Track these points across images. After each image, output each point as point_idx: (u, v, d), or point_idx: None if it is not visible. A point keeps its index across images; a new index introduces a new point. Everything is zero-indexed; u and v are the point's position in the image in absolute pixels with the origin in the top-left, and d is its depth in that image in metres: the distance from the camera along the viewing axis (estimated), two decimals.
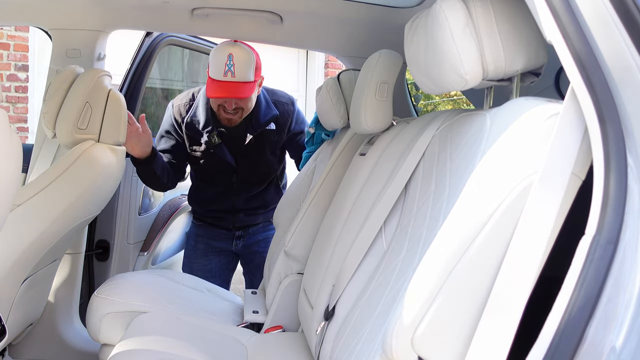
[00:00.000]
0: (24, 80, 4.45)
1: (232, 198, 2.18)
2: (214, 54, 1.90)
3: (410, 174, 1.17)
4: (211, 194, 2.20)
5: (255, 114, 2.05)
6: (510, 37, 0.90)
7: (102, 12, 1.91)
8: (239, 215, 2.22)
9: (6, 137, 0.87)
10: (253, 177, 2.18)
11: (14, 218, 1.39)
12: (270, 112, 2.08)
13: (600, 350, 0.63)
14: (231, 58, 1.86)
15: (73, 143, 1.61)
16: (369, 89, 1.40)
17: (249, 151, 2.10)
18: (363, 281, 1.18)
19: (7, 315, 1.47)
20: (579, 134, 0.70)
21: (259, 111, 2.06)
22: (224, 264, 2.30)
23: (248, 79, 1.89)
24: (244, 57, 1.88)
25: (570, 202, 0.71)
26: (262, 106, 2.07)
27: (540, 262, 0.68)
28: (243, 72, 1.87)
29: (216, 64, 1.87)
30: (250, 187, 2.19)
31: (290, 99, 2.20)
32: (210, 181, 2.19)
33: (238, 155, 2.10)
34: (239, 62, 1.86)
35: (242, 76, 1.87)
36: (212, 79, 1.88)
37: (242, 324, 1.72)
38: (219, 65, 1.86)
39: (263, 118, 2.06)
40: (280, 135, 2.15)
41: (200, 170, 2.19)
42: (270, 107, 2.09)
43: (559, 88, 1.61)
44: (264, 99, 2.09)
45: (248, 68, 1.88)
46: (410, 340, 0.74)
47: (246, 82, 1.89)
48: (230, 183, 2.15)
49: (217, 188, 2.18)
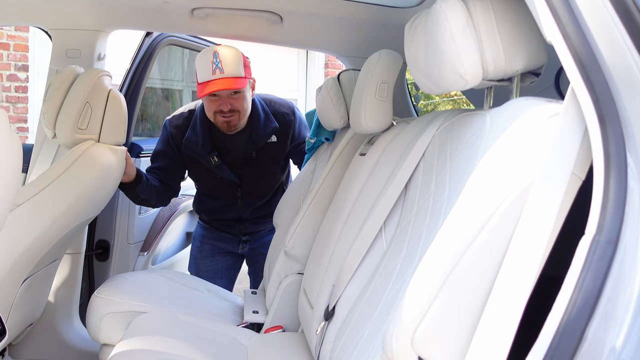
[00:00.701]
0: (24, 80, 4.45)
1: (238, 209, 2.15)
2: (199, 58, 1.83)
3: (410, 174, 1.17)
4: (216, 205, 2.17)
5: (254, 128, 1.99)
6: (510, 37, 0.90)
7: (102, 12, 1.91)
8: (245, 224, 2.20)
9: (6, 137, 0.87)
10: (258, 190, 2.14)
11: (14, 218, 1.39)
12: (270, 125, 2.01)
13: (600, 351, 0.63)
14: (217, 55, 1.79)
15: (73, 143, 1.61)
16: (369, 89, 1.40)
17: (252, 166, 2.06)
18: (363, 281, 1.18)
19: (7, 315, 1.47)
20: (579, 134, 0.70)
21: (258, 125, 1.99)
22: (230, 265, 2.29)
23: (238, 74, 1.81)
24: (230, 53, 1.82)
25: (570, 202, 0.71)
26: (261, 119, 2.00)
27: (540, 262, 0.68)
28: (231, 67, 1.79)
29: (202, 66, 1.80)
30: (255, 200, 2.16)
31: (290, 107, 2.11)
32: (215, 197, 2.15)
33: (241, 172, 2.06)
34: (225, 58, 1.79)
35: (231, 71, 1.79)
36: (201, 83, 1.81)
37: (242, 324, 1.72)
38: (206, 66, 1.79)
39: (263, 132, 2.00)
40: (283, 147, 2.09)
41: (203, 186, 2.17)
42: (269, 119, 2.02)
43: (559, 88, 1.61)
44: (263, 112, 2.01)
45: (236, 63, 1.81)
46: (410, 340, 0.74)
47: (237, 77, 1.81)
48: (234, 197, 2.11)
49: (222, 202, 2.15)
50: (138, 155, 2.27)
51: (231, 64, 1.80)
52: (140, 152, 2.28)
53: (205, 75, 1.80)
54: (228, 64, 1.79)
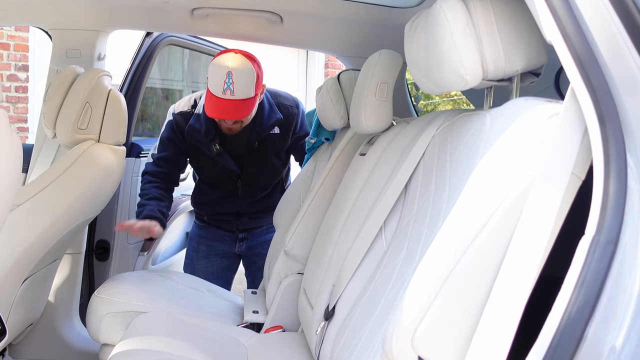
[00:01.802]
0: (24, 80, 4.45)
1: (237, 202, 2.16)
2: (213, 69, 1.83)
3: (410, 174, 1.17)
4: (215, 198, 2.18)
5: (258, 118, 2.01)
6: (510, 37, 0.90)
7: (102, 12, 1.91)
8: (243, 219, 2.20)
9: (6, 137, 0.88)
10: (258, 182, 2.15)
11: (14, 218, 1.39)
12: (274, 116, 2.03)
13: (600, 350, 0.63)
14: (230, 76, 1.79)
15: (73, 143, 1.61)
16: (369, 89, 1.40)
17: (253, 157, 2.07)
18: (363, 281, 1.18)
19: (7, 315, 1.47)
20: (578, 134, 0.70)
21: (263, 116, 2.02)
22: (226, 266, 2.29)
23: (248, 96, 1.83)
24: (244, 75, 1.81)
25: (570, 202, 0.71)
26: (265, 110, 2.02)
27: (540, 262, 0.68)
28: (242, 90, 1.81)
29: (215, 80, 1.81)
30: (255, 192, 2.17)
31: (294, 100, 2.15)
32: (215, 186, 2.17)
33: (242, 161, 2.08)
34: (239, 80, 1.80)
35: (241, 94, 1.81)
36: (211, 95, 1.82)
37: (242, 324, 1.72)
38: (218, 83, 1.80)
39: (267, 123, 2.02)
40: (285, 139, 2.11)
41: (204, 175, 2.17)
42: (274, 110, 2.05)
43: (559, 88, 1.61)
44: (267, 103, 2.05)
45: (248, 85, 1.82)
46: (411, 340, 0.74)
47: (246, 99, 1.83)
48: (234, 188, 2.13)
49: (222, 192, 2.16)
50: (138, 155, 2.27)
51: (243, 88, 1.81)
52: (140, 152, 2.29)
53: (215, 89, 1.81)
54: (240, 87, 1.80)
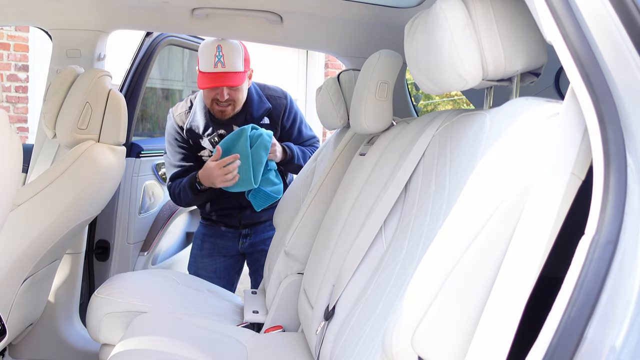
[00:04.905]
0: (24, 80, 4.45)
1: (238, 195, 2.17)
2: (203, 48, 1.97)
3: (410, 174, 1.17)
4: (217, 192, 2.19)
5: (248, 109, 2.10)
6: (510, 37, 0.90)
7: (102, 12, 1.92)
8: (245, 212, 2.22)
9: (6, 137, 0.88)
10: None
11: (14, 218, 1.39)
12: (263, 105, 2.12)
13: (600, 350, 0.63)
14: (220, 49, 1.93)
15: (73, 143, 1.61)
16: (369, 89, 1.40)
17: None
18: (363, 281, 1.18)
19: (7, 315, 1.47)
20: (578, 134, 0.70)
21: (252, 106, 2.10)
22: (230, 265, 2.29)
23: (238, 69, 1.95)
24: (233, 48, 1.95)
25: (570, 202, 0.71)
26: (254, 101, 2.11)
27: (540, 262, 0.68)
28: (232, 62, 1.93)
29: (205, 57, 1.94)
30: None
31: (283, 92, 2.23)
32: None
33: None
34: (228, 52, 1.93)
35: (232, 66, 1.93)
36: (203, 72, 1.94)
37: (242, 324, 1.72)
38: (209, 58, 1.93)
39: (256, 112, 2.10)
40: (275, 129, 2.16)
41: None
42: (262, 100, 2.14)
43: (559, 88, 1.62)
44: (256, 94, 2.13)
45: (237, 58, 1.95)
46: (411, 340, 0.74)
47: (236, 71, 1.94)
48: None
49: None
50: (138, 155, 2.28)
51: (233, 60, 1.94)
52: (140, 152, 2.29)
53: (206, 66, 1.94)
54: (230, 60, 1.93)
